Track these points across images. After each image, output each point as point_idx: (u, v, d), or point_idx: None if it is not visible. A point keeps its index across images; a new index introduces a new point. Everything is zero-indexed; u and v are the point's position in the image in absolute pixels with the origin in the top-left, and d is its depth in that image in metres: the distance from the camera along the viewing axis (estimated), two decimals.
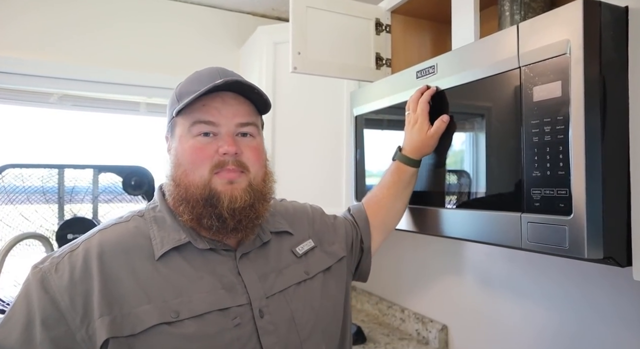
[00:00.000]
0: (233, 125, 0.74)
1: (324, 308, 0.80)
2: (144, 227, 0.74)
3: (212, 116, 0.73)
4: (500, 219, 0.80)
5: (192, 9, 1.90)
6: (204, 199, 0.71)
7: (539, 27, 0.73)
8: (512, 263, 1.29)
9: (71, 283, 0.66)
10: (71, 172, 1.57)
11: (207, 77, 0.75)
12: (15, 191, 1.47)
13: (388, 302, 1.83)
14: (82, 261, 0.68)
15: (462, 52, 0.91)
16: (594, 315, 1.07)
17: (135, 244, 0.72)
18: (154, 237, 0.72)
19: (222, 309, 0.69)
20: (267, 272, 0.76)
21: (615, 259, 0.69)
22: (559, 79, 0.70)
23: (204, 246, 0.73)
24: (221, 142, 0.72)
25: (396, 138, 1.15)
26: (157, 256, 0.70)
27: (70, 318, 0.65)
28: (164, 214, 0.76)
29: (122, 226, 0.75)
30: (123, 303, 0.66)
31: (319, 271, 0.83)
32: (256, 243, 0.79)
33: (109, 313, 0.65)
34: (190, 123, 0.73)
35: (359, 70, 1.30)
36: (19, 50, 1.60)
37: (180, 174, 0.73)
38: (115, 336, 0.64)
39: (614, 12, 0.70)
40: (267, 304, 0.73)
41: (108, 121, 1.84)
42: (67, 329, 0.65)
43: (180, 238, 0.72)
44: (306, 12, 1.21)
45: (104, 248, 0.70)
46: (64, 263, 0.69)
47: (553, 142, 0.71)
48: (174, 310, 0.67)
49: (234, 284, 0.72)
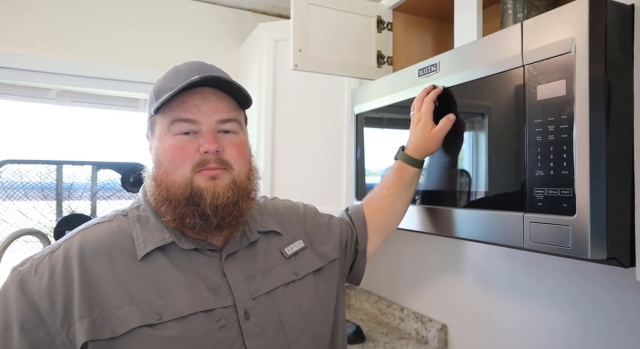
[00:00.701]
0: (214, 122, 0.71)
1: (313, 310, 0.78)
2: (127, 226, 0.72)
3: (191, 114, 0.70)
4: (502, 219, 0.80)
5: (193, 6, 1.89)
6: (186, 198, 0.69)
7: (544, 25, 0.72)
8: (512, 262, 1.29)
9: (51, 285, 0.64)
10: (70, 168, 1.56)
11: (185, 73, 0.72)
12: (13, 187, 1.47)
13: (387, 301, 1.83)
14: (63, 262, 0.66)
15: (465, 50, 0.90)
16: (595, 315, 1.07)
17: (117, 244, 0.69)
18: (137, 237, 0.70)
19: (206, 310, 0.67)
20: (253, 273, 0.75)
21: (619, 260, 0.69)
22: (563, 77, 0.69)
23: (189, 246, 0.71)
24: (202, 140, 0.69)
25: (397, 137, 1.14)
26: (140, 256, 0.68)
27: (50, 321, 0.63)
28: (147, 213, 0.74)
29: (104, 226, 0.73)
30: (104, 304, 0.64)
31: (308, 272, 0.81)
32: (243, 243, 0.77)
33: (89, 315, 0.63)
34: (169, 121, 0.71)
35: (360, 68, 1.29)
36: (19, 45, 1.59)
37: (161, 174, 0.71)
38: (94, 339, 0.62)
39: (619, 10, 0.70)
40: (253, 305, 0.71)
41: (107, 117, 1.83)
42: (47, 333, 0.63)
43: (164, 238, 0.70)
44: (307, 9, 1.21)
45: (84, 248, 0.68)
46: (44, 264, 0.67)
47: (557, 142, 0.70)
48: (157, 312, 0.65)
49: (219, 285, 0.70)
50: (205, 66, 0.75)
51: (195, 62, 0.76)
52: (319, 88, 1.58)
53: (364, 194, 1.25)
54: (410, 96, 1.04)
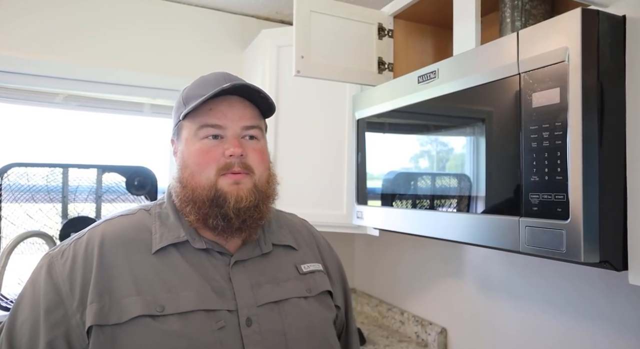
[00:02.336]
0: (239, 128, 0.75)
1: (321, 330, 0.78)
2: (148, 221, 0.77)
3: (218, 120, 0.74)
4: (499, 223, 0.81)
5: (197, 12, 1.92)
6: (210, 199, 0.72)
7: (539, 35, 0.74)
8: (511, 266, 1.30)
9: (72, 270, 0.70)
10: (75, 171, 1.58)
11: (213, 82, 0.77)
12: (20, 189, 1.49)
13: (387, 304, 1.84)
14: (84, 249, 0.71)
15: (463, 58, 0.92)
16: (591, 318, 1.08)
17: (136, 237, 0.74)
18: (155, 232, 0.74)
19: (208, 310, 0.69)
20: (262, 281, 0.76)
21: (612, 263, 0.71)
22: (557, 85, 0.71)
23: (201, 246, 0.74)
24: (227, 145, 0.74)
25: (398, 142, 1.16)
26: (154, 250, 0.72)
27: (68, 303, 0.68)
28: (168, 211, 0.78)
29: (127, 218, 0.77)
30: (114, 292, 0.68)
31: (322, 291, 0.81)
32: (255, 252, 0.78)
33: (99, 301, 0.67)
34: (197, 126, 0.75)
35: (361, 74, 1.32)
36: (25, 50, 1.62)
37: (186, 176, 0.74)
38: (100, 323, 0.65)
39: (611, 20, 0.72)
40: (258, 312, 0.72)
41: (112, 121, 1.86)
42: (65, 313, 0.67)
43: (179, 236, 0.74)
44: (310, 17, 1.23)
45: (105, 238, 0.73)
46: (69, 250, 0.72)
47: (551, 148, 0.72)
48: (160, 304, 0.67)
49: (224, 289, 0.72)
50: (231, 76, 0.79)
51: (222, 72, 0.80)
52: (320, 94, 1.60)
53: (365, 199, 1.28)
54: (410, 101, 1.06)
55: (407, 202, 1.11)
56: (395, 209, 1.14)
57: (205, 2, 1.89)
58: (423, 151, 1.08)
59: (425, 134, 1.07)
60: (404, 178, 1.13)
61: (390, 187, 1.18)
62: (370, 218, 1.25)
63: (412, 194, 1.09)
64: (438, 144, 1.03)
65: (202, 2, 1.89)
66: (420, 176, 1.08)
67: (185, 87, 0.81)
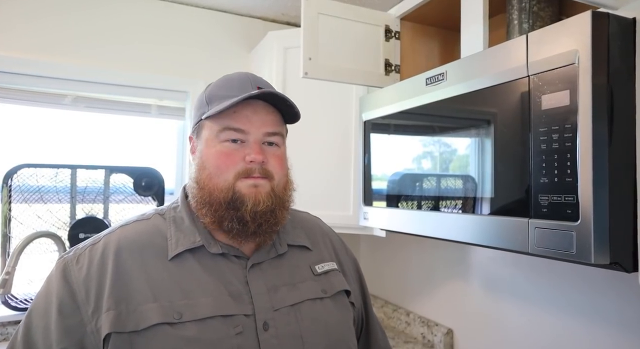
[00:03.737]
0: (261, 134, 0.74)
1: (339, 331, 0.77)
2: (163, 226, 0.76)
3: (242, 124, 0.73)
4: (508, 225, 0.82)
5: (203, 14, 1.93)
6: (227, 202, 0.71)
7: (548, 37, 0.75)
8: (517, 267, 1.30)
9: (88, 276, 0.69)
10: (84, 172, 1.60)
11: (238, 83, 0.76)
12: (29, 190, 1.50)
13: (393, 305, 1.84)
14: (100, 255, 0.71)
15: (472, 60, 0.92)
16: (599, 320, 1.08)
17: (151, 242, 0.73)
18: (170, 238, 0.74)
19: (226, 315, 0.68)
20: (278, 284, 0.75)
21: (622, 265, 0.71)
22: (567, 88, 0.71)
23: (217, 251, 0.73)
24: (249, 150, 0.73)
25: (404, 143, 1.17)
26: (170, 256, 0.71)
27: (84, 309, 0.67)
28: (183, 215, 0.77)
29: (142, 224, 0.77)
30: (130, 299, 0.67)
31: (338, 291, 0.80)
32: (271, 254, 0.78)
33: (115, 308, 0.66)
34: (219, 128, 0.74)
35: (368, 75, 1.32)
36: (34, 52, 1.64)
37: (204, 178, 0.73)
38: (117, 331, 0.65)
39: (621, 23, 0.72)
40: (274, 317, 0.71)
41: (120, 122, 1.87)
42: (80, 320, 0.67)
43: (195, 241, 0.73)
44: (317, 19, 1.24)
45: (121, 244, 0.72)
46: (85, 255, 0.72)
47: (561, 150, 0.72)
48: (178, 311, 0.67)
49: (241, 293, 0.71)
50: (256, 78, 0.79)
51: (247, 73, 0.80)
52: (327, 95, 1.61)
53: (371, 200, 1.28)
54: (418, 103, 1.06)
55: (416, 203, 1.11)
56: (403, 210, 1.14)
57: (212, 4, 1.90)
58: (430, 153, 1.08)
59: (433, 136, 1.07)
60: (411, 179, 1.14)
61: (396, 188, 1.18)
62: (376, 219, 1.26)
63: (420, 195, 1.10)
64: (446, 145, 1.03)
65: (209, 4, 1.90)
66: (427, 177, 1.08)
67: (209, 85, 0.80)
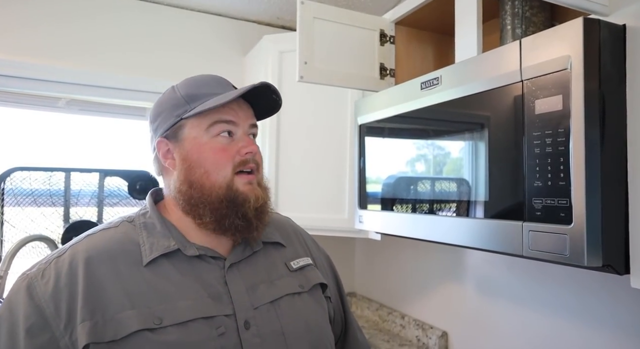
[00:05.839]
0: (247, 126, 0.77)
1: (319, 325, 0.78)
2: (133, 233, 0.74)
3: (232, 116, 0.74)
4: (502, 228, 0.83)
5: (198, 17, 1.93)
6: (227, 199, 0.71)
7: (541, 43, 0.76)
8: (512, 270, 1.31)
9: (56, 289, 0.66)
10: (77, 175, 1.59)
11: (215, 82, 0.77)
12: (22, 193, 1.49)
13: (388, 308, 1.85)
14: (68, 267, 0.68)
15: (466, 64, 0.94)
16: (592, 322, 1.09)
17: (123, 250, 0.71)
18: (143, 244, 0.72)
19: (207, 317, 0.68)
20: (256, 282, 0.75)
21: (614, 267, 0.72)
22: (560, 93, 0.73)
23: (193, 253, 0.72)
24: (242, 143, 0.74)
25: (399, 147, 1.17)
26: (145, 262, 0.69)
27: (54, 324, 0.64)
28: (154, 220, 0.75)
29: (110, 232, 0.74)
30: (106, 308, 0.65)
31: (314, 284, 0.82)
32: (246, 252, 0.78)
33: (91, 319, 0.64)
34: (208, 123, 0.73)
35: (364, 80, 1.33)
36: (28, 55, 1.63)
37: (198, 177, 0.72)
38: (95, 341, 0.62)
39: (612, 29, 0.73)
40: (254, 315, 0.71)
41: (114, 125, 1.87)
42: (51, 336, 0.64)
43: (170, 245, 0.72)
44: (313, 23, 1.24)
45: (90, 254, 0.69)
46: (50, 269, 0.68)
47: (554, 154, 0.73)
48: (157, 316, 0.65)
49: (220, 293, 0.71)
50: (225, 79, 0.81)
51: (213, 75, 0.80)
52: (322, 99, 1.62)
53: (366, 203, 1.29)
54: (413, 107, 1.07)
55: (411, 206, 1.12)
56: (398, 214, 1.15)
57: (206, 8, 1.91)
58: (425, 156, 1.09)
59: (428, 140, 1.08)
60: (406, 182, 1.15)
61: (392, 192, 1.19)
62: (371, 222, 1.26)
63: (415, 199, 1.10)
64: (440, 149, 1.04)
65: (204, 8, 1.91)
66: (422, 181, 1.09)
67: (173, 87, 0.78)
